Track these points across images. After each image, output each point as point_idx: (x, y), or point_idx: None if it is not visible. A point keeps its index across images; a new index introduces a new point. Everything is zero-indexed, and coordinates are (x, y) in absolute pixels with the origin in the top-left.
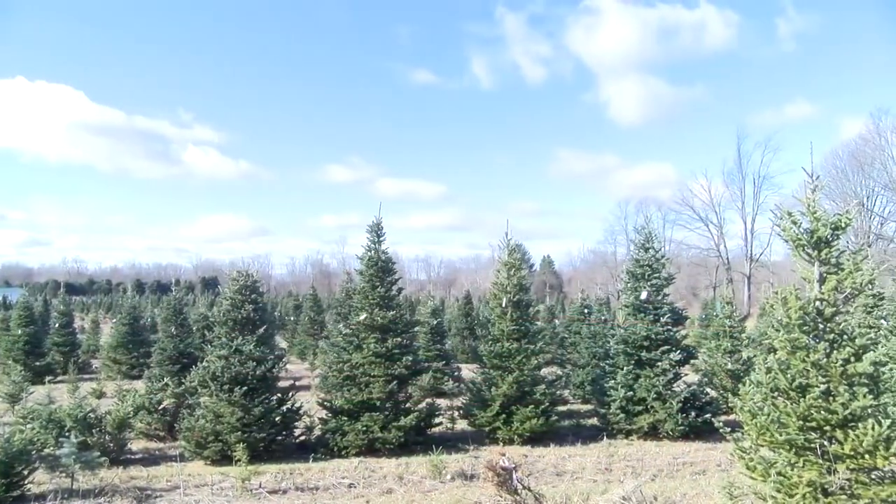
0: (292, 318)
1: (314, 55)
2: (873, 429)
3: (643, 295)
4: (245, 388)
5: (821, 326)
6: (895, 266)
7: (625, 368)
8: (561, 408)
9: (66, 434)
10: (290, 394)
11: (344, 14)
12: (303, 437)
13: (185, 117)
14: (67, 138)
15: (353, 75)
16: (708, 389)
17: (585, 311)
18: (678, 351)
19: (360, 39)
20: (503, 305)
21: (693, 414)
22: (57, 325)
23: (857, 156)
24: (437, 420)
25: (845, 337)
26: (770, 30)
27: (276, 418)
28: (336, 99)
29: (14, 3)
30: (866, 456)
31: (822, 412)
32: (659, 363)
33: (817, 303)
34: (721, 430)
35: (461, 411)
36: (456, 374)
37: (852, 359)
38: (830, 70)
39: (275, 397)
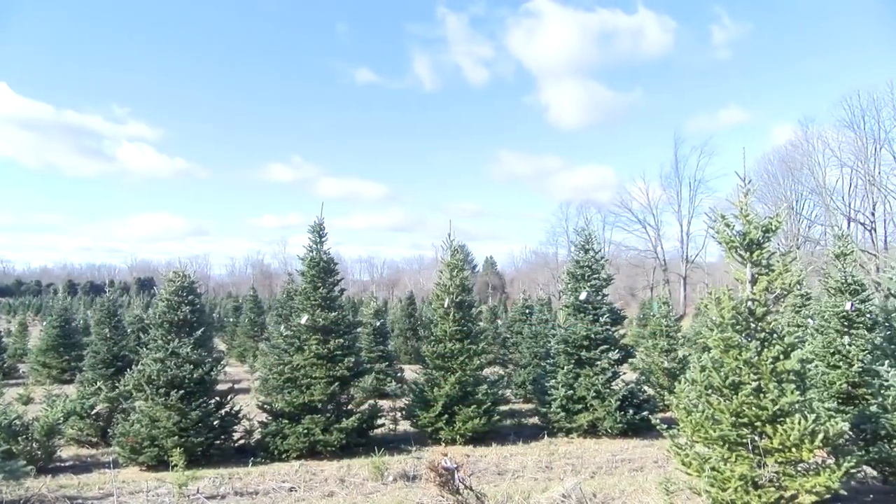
0: (232, 320)
1: (252, 50)
2: (800, 423)
3: (583, 295)
4: (182, 391)
5: (752, 325)
6: (822, 267)
7: (565, 368)
8: (503, 407)
9: None
10: (229, 397)
11: (282, 9)
12: (242, 441)
13: (118, 112)
14: None
15: (293, 73)
16: (645, 387)
17: (527, 311)
18: (617, 350)
19: (299, 36)
20: (446, 306)
21: (631, 412)
22: None
23: (786, 161)
24: (379, 421)
25: (775, 336)
26: (705, 36)
27: (215, 422)
28: (276, 96)
29: None
30: (793, 449)
31: (754, 408)
32: (598, 362)
33: (749, 303)
34: (658, 428)
35: (404, 412)
36: (399, 375)
37: (781, 356)
38: (762, 77)
39: (213, 401)
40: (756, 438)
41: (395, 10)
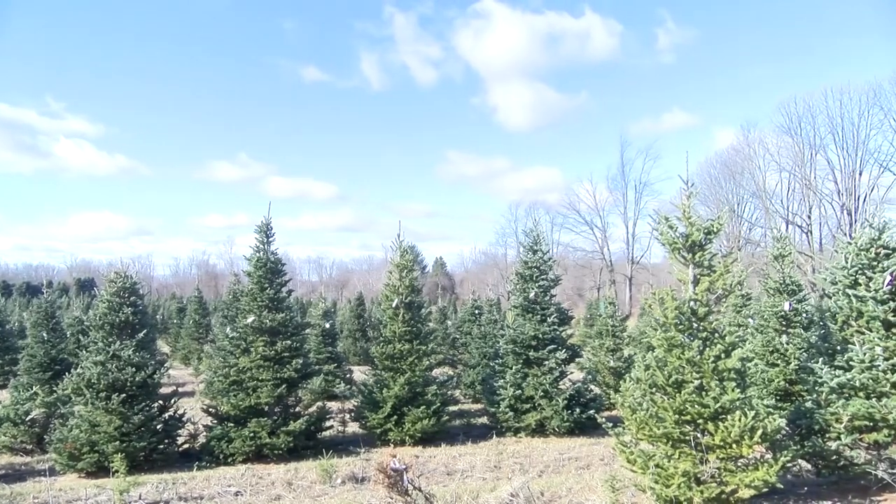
0: (176, 322)
1: (195, 46)
2: (740, 420)
3: (530, 295)
4: (123, 395)
5: (695, 325)
6: (761, 268)
7: (513, 368)
8: (452, 408)
9: None
10: (173, 400)
11: (227, 4)
12: (187, 445)
13: (55, 107)
14: None
15: (238, 69)
16: (592, 386)
17: (476, 311)
18: (564, 350)
19: (244, 32)
20: (395, 307)
21: (578, 410)
22: None
23: (728, 165)
24: (327, 423)
25: (717, 335)
26: (651, 40)
27: (158, 426)
28: (221, 93)
29: None
30: (734, 445)
31: (696, 406)
32: (546, 362)
33: (692, 303)
34: (604, 426)
35: (352, 414)
36: (348, 376)
37: (723, 355)
38: (705, 82)
39: (156, 404)
40: (698, 435)
41: (341, 8)
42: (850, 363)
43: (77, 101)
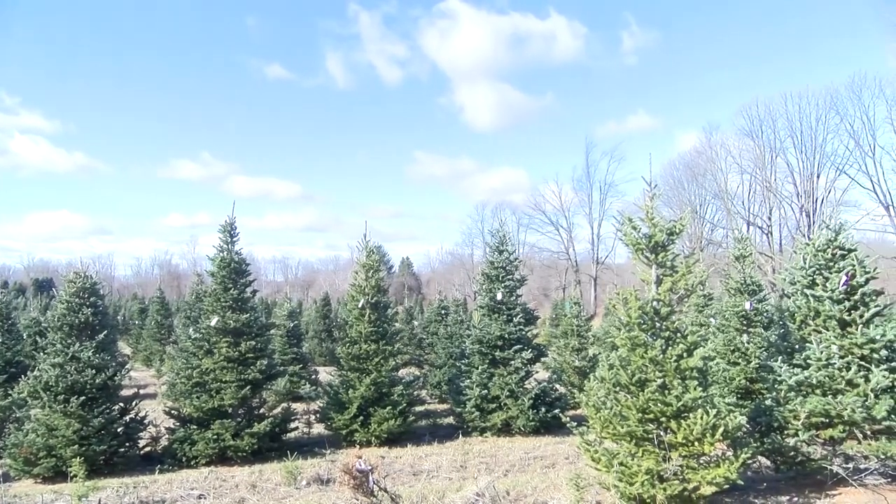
0: (137, 323)
1: (155, 42)
2: (702, 418)
3: (498, 296)
4: (83, 397)
5: (657, 325)
6: (723, 268)
7: (480, 368)
8: (418, 408)
9: None
10: (134, 403)
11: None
12: (148, 448)
13: (9, 102)
14: None
15: (200, 66)
16: (557, 386)
17: (443, 312)
18: (530, 350)
19: (206, 28)
20: (361, 307)
21: (543, 410)
22: None
23: (691, 167)
24: (292, 425)
25: (679, 334)
26: (615, 43)
27: (119, 429)
28: (182, 90)
29: None
30: (696, 443)
31: (659, 404)
32: (512, 362)
33: (654, 303)
34: (568, 425)
35: (318, 415)
36: (313, 377)
37: (685, 354)
38: (669, 85)
39: (116, 407)
40: (661, 433)
41: (306, 5)
42: (808, 361)
43: (32, 96)
